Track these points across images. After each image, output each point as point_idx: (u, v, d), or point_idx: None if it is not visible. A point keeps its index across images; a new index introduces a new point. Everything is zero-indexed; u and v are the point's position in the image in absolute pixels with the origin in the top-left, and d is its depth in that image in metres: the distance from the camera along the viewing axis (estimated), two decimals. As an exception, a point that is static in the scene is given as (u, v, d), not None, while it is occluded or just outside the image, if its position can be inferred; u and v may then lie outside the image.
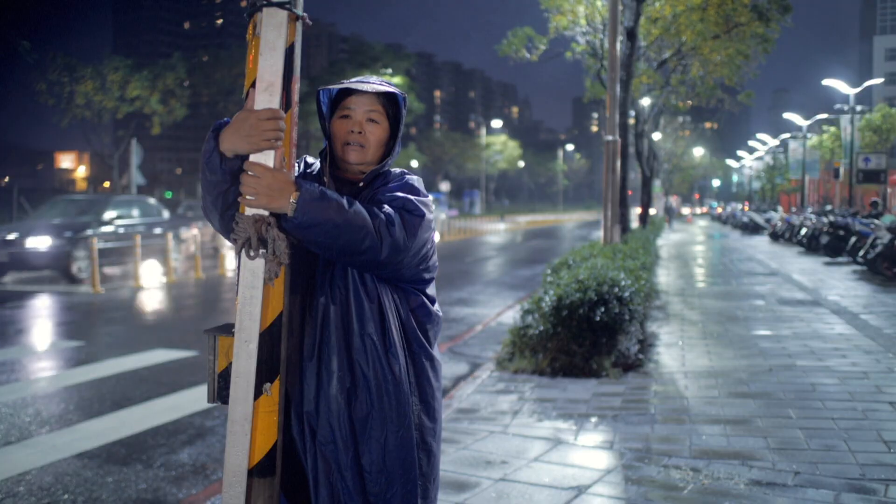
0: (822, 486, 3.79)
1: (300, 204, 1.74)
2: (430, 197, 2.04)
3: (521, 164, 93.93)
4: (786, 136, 45.38)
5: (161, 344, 8.14)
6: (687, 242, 27.94)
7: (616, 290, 6.43)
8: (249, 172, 1.74)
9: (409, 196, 1.95)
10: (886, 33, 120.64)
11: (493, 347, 7.89)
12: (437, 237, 2.17)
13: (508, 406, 5.39)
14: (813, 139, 40.69)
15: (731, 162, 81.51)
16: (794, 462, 4.13)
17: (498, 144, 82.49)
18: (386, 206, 1.90)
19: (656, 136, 28.30)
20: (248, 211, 1.76)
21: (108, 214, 14.73)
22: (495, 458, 4.31)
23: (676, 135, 45.67)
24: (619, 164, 10.54)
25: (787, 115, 39.29)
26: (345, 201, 1.80)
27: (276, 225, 1.76)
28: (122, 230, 14.65)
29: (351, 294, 1.93)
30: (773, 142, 51.21)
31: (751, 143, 60.14)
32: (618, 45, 10.53)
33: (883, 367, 6.38)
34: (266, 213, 1.76)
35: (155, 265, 15.45)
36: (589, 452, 4.39)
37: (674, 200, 74.89)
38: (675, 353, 7.16)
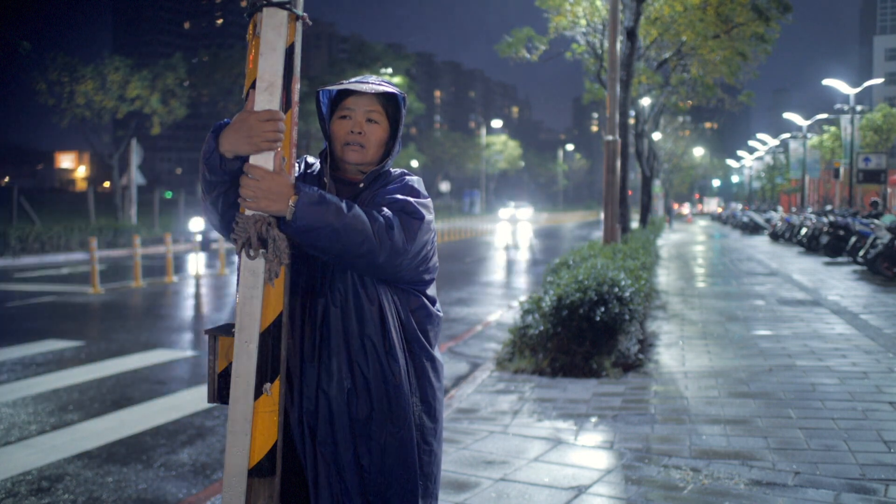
0: (822, 486, 3.79)
1: (299, 208, 1.74)
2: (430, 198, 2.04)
3: (522, 164, 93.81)
4: (786, 136, 45.34)
5: (161, 344, 8.13)
6: (687, 242, 27.94)
7: (616, 290, 6.43)
8: (249, 175, 1.74)
9: (409, 198, 1.95)
10: (886, 33, 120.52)
11: (493, 347, 7.89)
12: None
13: (508, 406, 5.39)
14: (813, 139, 40.64)
15: (731, 162, 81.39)
16: (794, 462, 4.13)
17: (498, 144, 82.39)
18: (385, 209, 1.90)
19: (656, 136, 28.29)
20: (248, 210, 1.76)
21: None
22: (495, 458, 4.31)
23: (676, 135, 45.57)
24: (619, 164, 10.55)
25: (787, 115, 39.29)
26: (343, 205, 1.79)
27: (277, 225, 1.76)
28: None
29: (351, 296, 1.92)
30: (773, 142, 51.19)
31: (751, 143, 60.13)
32: (618, 45, 10.53)
33: (883, 367, 6.38)
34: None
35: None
36: (589, 452, 4.39)
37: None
38: (675, 353, 7.16)
